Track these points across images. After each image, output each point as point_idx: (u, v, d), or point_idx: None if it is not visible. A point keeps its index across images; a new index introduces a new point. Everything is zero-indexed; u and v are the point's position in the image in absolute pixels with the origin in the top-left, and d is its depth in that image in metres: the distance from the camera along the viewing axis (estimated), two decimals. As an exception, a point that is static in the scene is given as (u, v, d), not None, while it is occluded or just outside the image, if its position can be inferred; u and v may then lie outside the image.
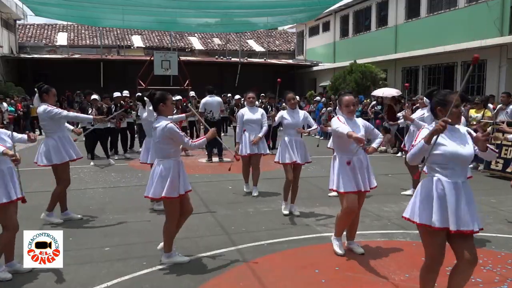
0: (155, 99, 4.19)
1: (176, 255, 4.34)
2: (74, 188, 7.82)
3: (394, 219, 5.81)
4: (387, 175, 8.71)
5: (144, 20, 16.29)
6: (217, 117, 10.61)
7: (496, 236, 5.12)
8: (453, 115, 2.96)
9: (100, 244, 4.86)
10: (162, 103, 4.16)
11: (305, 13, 15.24)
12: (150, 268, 4.18)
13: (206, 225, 5.58)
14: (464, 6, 17.29)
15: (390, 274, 4.03)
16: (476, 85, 16.95)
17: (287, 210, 6.07)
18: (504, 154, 8.92)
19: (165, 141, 4.09)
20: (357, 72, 19.33)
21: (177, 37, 31.54)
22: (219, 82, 25.74)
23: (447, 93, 3.10)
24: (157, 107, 4.19)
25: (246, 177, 7.48)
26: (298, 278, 3.98)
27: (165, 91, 4.34)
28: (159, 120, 4.14)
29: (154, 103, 4.21)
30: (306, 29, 31.00)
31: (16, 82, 22.61)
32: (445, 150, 2.97)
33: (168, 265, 4.24)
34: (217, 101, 10.63)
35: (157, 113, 4.24)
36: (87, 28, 31.35)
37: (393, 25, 21.72)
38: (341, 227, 4.56)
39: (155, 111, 4.26)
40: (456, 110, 2.99)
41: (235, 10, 14.32)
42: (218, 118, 10.69)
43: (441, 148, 2.98)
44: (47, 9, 14.17)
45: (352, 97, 4.50)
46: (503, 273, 4.03)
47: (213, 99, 10.58)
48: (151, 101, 4.32)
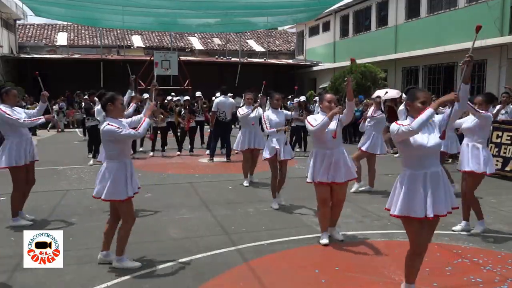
0: (104, 98, 4.08)
1: (126, 259, 4.20)
2: (74, 188, 7.83)
3: (394, 219, 5.78)
4: (387, 175, 8.71)
5: (144, 21, 16.31)
6: (229, 118, 10.63)
7: (496, 236, 5.12)
8: (416, 110, 3.24)
9: (100, 244, 4.83)
10: (110, 103, 4.05)
11: (305, 13, 15.25)
12: (150, 268, 4.18)
13: (206, 225, 5.58)
14: (464, 6, 17.28)
15: (390, 274, 4.03)
16: (476, 85, 16.94)
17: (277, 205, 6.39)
18: (504, 152, 8.92)
19: (106, 143, 4.02)
20: (357, 73, 19.31)
21: (177, 37, 31.53)
22: (219, 82, 25.70)
23: (417, 90, 3.39)
24: (105, 107, 4.08)
25: (246, 172, 7.98)
26: (298, 278, 3.98)
27: (116, 92, 4.17)
28: (105, 120, 4.05)
29: (102, 102, 4.10)
30: (306, 29, 30.99)
31: (16, 82, 22.59)
32: (414, 144, 3.21)
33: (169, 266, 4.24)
34: (230, 102, 10.63)
35: (105, 113, 4.12)
36: (87, 28, 31.33)
37: (393, 25, 21.71)
38: (321, 219, 4.88)
39: (104, 111, 4.14)
40: (421, 106, 3.23)
41: (235, 10, 14.32)
42: (230, 119, 10.73)
43: (410, 144, 3.22)
44: (47, 9, 14.18)
45: (333, 95, 4.88)
46: (503, 273, 4.03)
47: (227, 100, 10.56)
48: (99, 100, 4.21)
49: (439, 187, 3.24)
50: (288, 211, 6.20)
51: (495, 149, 9.05)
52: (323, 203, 4.79)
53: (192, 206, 6.55)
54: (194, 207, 6.48)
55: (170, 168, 9.84)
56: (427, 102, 3.25)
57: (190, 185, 8.03)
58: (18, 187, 5.56)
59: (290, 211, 6.21)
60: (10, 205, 5.54)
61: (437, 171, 3.26)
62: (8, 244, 4.89)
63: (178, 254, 4.54)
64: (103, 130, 3.97)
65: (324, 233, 4.88)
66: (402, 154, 3.36)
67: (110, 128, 3.94)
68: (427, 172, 3.23)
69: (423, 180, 3.23)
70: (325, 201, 4.78)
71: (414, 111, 3.26)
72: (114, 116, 4.08)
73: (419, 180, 3.23)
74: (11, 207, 5.54)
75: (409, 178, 3.27)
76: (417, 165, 3.25)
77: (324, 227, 4.88)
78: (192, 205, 6.58)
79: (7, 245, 4.83)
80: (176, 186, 8.04)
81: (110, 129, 3.93)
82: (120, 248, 4.15)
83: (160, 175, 9.07)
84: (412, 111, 3.29)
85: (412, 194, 3.22)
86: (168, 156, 11.67)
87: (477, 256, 4.46)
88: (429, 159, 3.25)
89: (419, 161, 3.24)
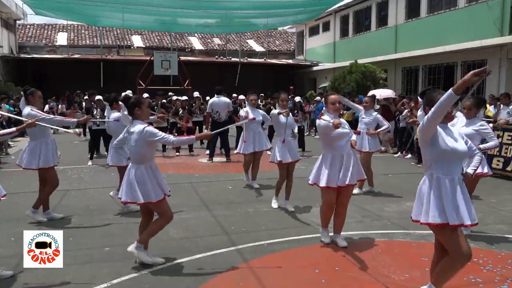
0: (130, 103, 4.11)
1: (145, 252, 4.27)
2: (74, 188, 7.83)
3: (394, 219, 5.81)
4: (387, 175, 8.71)
5: (144, 20, 16.31)
6: (224, 118, 10.56)
7: (496, 236, 5.13)
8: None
9: (100, 244, 4.86)
10: (138, 108, 4.09)
11: (305, 13, 15.25)
12: (150, 268, 4.18)
13: (206, 225, 5.58)
14: (464, 6, 17.28)
15: (390, 274, 4.03)
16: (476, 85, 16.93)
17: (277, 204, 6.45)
18: (504, 153, 8.92)
19: (141, 145, 4.04)
20: (357, 73, 19.32)
21: (177, 37, 31.53)
22: (219, 82, 25.65)
23: (436, 93, 3.17)
24: (132, 111, 4.11)
25: (247, 170, 7.91)
26: (298, 278, 3.98)
27: (140, 95, 4.26)
28: (135, 124, 4.08)
29: (129, 107, 4.13)
30: (306, 29, 30.99)
31: (16, 82, 22.59)
32: (443, 147, 3.07)
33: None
34: (224, 102, 10.58)
35: (132, 117, 4.16)
36: (87, 28, 31.33)
37: (393, 25, 21.71)
38: (324, 218, 4.86)
39: (131, 115, 4.17)
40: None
41: (235, 10, 14.33)
42: (225, 119, 10.63)
43: (439, 145, 3.08)
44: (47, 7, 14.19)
45: (337, 96, 4.82)
46: (503, 273, 4.03)
47: (220, 100, 10.52)
48: (125, 105, 4.21)
49: (465, 194, 3.13)
50: (288, 211, 6.20)
51: (495, 149, 9.04)
52: (329, 207, 4.75)
53: (192, 206, 6.55)
54: (194, 207, 6.48)
55: (170, 168, 9.83)
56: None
57: (190, 185, 8.02)
58: (54, 183, 5.77)
59: (290, 211, 6.20)
60: (9, 205, 5.55)
61: (460, 178, 3.16)
62: (8, 244, 4.89)
63: (178, 254, 4.54)
64: (145, 130, 3.98)
65: (325, 231, 4.88)
66: (428, 157, 3.15)
67: (152, 129, 4.01)
68: (454, 178, 3.11)
69: (451, 185, 3.09)
70: (331, 205, 4.74)
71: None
72: (142, 120, 4.13)
73: (447, 185, 3.09)
74: (40, 201, 5.69)
75: (436, 184, 3.11)
76: (446, 170, 3.10)
77: (325, 225, 4.88)
78: (192, 205, 6.58)
79: (7, 245, 4.83)
80: (176, 186, 8.03)
81: (152, 130, 4.01)
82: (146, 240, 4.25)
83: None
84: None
85: (442, 200, 3.07)
86: (168, 156, 11.67)
87: (477, 256, 4.45)
88: (458, 165, 3.15)
89: (448, 166, 3.10)
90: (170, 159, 11.31)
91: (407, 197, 6.80)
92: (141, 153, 4.08)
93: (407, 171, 7.27)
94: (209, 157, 10.85)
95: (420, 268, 4.04)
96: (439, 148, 3.09)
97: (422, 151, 3.23)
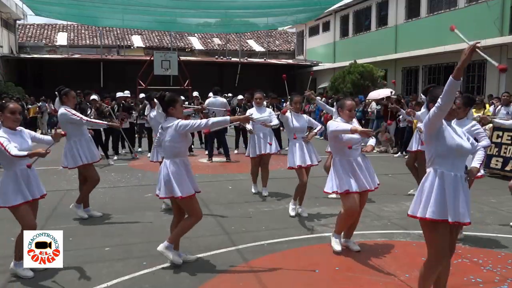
0: (166, 101, 4.18)
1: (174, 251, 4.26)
2: (74, 188, 7.82)
3: (394, 219, 5.81)
4: (387, 175, 8.70)
5: (144, 20, 16.28)
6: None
7: (496, 236, 5.12)
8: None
9: (100, 244, 4.86)
10: (172, 107, 4.16)
11: (305, 13, 15.24)
12: (150, 268, 4.18)
13: (206, 225, 5.58)
14: (464, 6, 17.29)
15: (390, 274, 4.03)
16: (476, 85, 16.95)
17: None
18: (504, 152, 8.93)
19: (177, 139, 4.11)
20: (355, 73, 19.29)
21: (177, 37, 31.53)
22: (219, 82, 25.71)
23: (440, 89, 3.12)
24: (167, 110, 4.19)
25: (254, 178, 7.41)
26: (298, 278, 3.98)
27: (175, 93, 4.34)
28: (170, 120, 4.15)
29: (164, 105, 4.21)
30: (306, 29, 30.99)
31: (16, 82, 22.59)
32: (449, 142, 3.04)
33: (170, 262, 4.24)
34: (219, 102, 10.62)
35: (166, 115, 4.23)
36: (87, 28, 31.32)
37: (393, 25, 21.72)
38: (342, 226, 4.61)
39: (165, 113, 4.24)
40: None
41: (235, 10, 14.31)
42: None
43: (445, 140, 3.04)
44: (47, 8, 14.16)
45: (354, 102, 4.67)
46: (503, 273, 4.02)
47: (216, 100, 10.56)
48: (160, 103, 4.28)
49: (466, 193, 3.10)
50: (288, 211, 6.19)
51: (495, 149, 9.06)
52: (352, 215, 4.48)
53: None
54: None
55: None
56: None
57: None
58: (94, 180, 5.97)
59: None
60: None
61: (463, 176, 3.12)
62: (8, 244, 4.88)
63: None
64: (179, 125, 4.05)
65: (339, 237, 4.65)
66: (433, 152, 3.12)
67: (184, 122, 4.08)
68: (457, 174, 3.08)
69: (454, 182, 3.06)
70: (354, 213, 4.48)
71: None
72: (176, 118, 4.18)
73: (450, 181, 3.05)
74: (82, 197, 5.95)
75: (440, 179, 3.07)
76: (450, 165, 3.07)
77: (340, 232, 4.65)
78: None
79: (7, 245, 4.83)
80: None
81: (185, 122, 4.08)
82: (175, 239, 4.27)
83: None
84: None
85: (444, 196, 3.03)
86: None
87: (477, 256, 4.46)
88: (461, 161, 3.12)
89: (452, 162, 3.07)
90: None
91: (407, 197, 6.80)
92: (176, 147, 4.14)
93: (407, 171, 7.27)
94: (208, 157, 10.87)
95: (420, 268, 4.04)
96: (445, 143, 3.05)
97: (427, 147, 3.19)
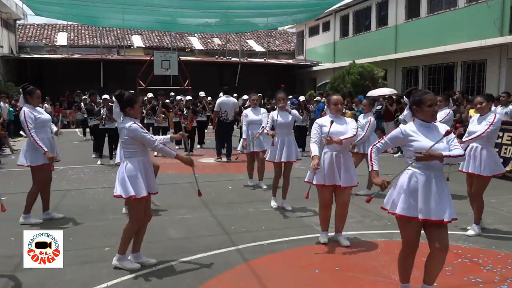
0: (124, 101, 4.07)
1: (127, 259, 4.19)
2: (74, 188, 7.83)
3: (394, 219, 5.77)
4: (387, 175, 8.69)
5: (144, 20, 16.29)
6: (231, 118, 10.61)
7: (496, 236, 5.13)
8: (427, 113, 3.25)
9: (100, 244, 4.86)
10: (130, 107, 4.07)
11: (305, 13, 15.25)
12: (150, 268, 4.18)
13: (206, 225, 5.58)
14: (464, 6, 17.28)
15: (390, 274, 4.03)
16: (476, 85, 16.94)
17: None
18: (504, 153, 8.92)
19: (129, 141, 4.04)
20: (354, 74, 19.28)
21: (177, 37, 31.52)
22: (219, 82, 25.72)
23: (422, 93, 3.32)
24: (124, 110, 4.09)
25: (250, 173, 7.97)
26: (298, 278, 3.98)
27: (135, 93, 4.22)
28: (126, 121, 4.07)
29: (121, 105, 4.09)
30: (306, 29, 30.98)
31: (16, 82, 22.58)
32: (418, 145, 3.20)
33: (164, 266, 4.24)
34: (232, 102, 10.63)
35: (124, 114, 4.12)
36: (87, 28, 31.31)
37: (393, 25, 21.71)
38: (321, 219, 4.89)
39: (123, 112, 4.12)
40: (429, 109, 3.24)
41: (235, 10, 14.32)
42: (232, 119, 10.69)
43: (413, 148, 3.22)
44: (47, 8, 14.16)
45: (340, 97, 4.83)
46: (503, 273, 4.03)
47: (229, 100, 10.55)
48: (119, 102, 4.11)
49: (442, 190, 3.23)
50: (288, 211, 6.20)
51: (495, 149, 9.04)
52: (325, 206, 4.78)
53: (192, 206, 6.54)
54: (194, 207, 6.48)
55: (170, 168, 9.82)
56: (434, 103, 3.28)
57: (190, 185, 8.01)
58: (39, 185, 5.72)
59: (290, 211, 6.20)
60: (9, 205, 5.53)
61: (438, 174, 3.25)
62: (8, 244, 4.89)
63: (178, 254, 4.54)
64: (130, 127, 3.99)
65: (324, 233, 4.89)
66: (407, 154, 3.33)
67: (137, 128, 4.01)
68: (431, 174, 3.21)
69: (426, 181, 3.21)
70: (326, 205, 4.77)
71: (423, 115, 3.27)
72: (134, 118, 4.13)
73: (422, 180, 3.22)
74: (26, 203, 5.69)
75: (410, 179, 3.26)
76: (422, 167, 3.22)
77: (324, 227, 4.90)
78: (192, 205, 6.58)
79: (7, 245, 4.83)
80: (176, 186, 8.04)
81: (138, 129, 4.02)
82: (122, 246, 4.16)
83: (160, 175, 9.02)
84: (421, 115, 3.28)
85: (416, 195, 3.22)
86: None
87: (477, 256, 4.46)
88: (436, 162, 3.21)
89: (425, 163, 3.20)
90: (170, 159, 11.29)
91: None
92: (130, 148, 4.07)
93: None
94: (217, 155, 10.86)
95: (420, 268, 4.02)
96: (413, 150, 3.22)
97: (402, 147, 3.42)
